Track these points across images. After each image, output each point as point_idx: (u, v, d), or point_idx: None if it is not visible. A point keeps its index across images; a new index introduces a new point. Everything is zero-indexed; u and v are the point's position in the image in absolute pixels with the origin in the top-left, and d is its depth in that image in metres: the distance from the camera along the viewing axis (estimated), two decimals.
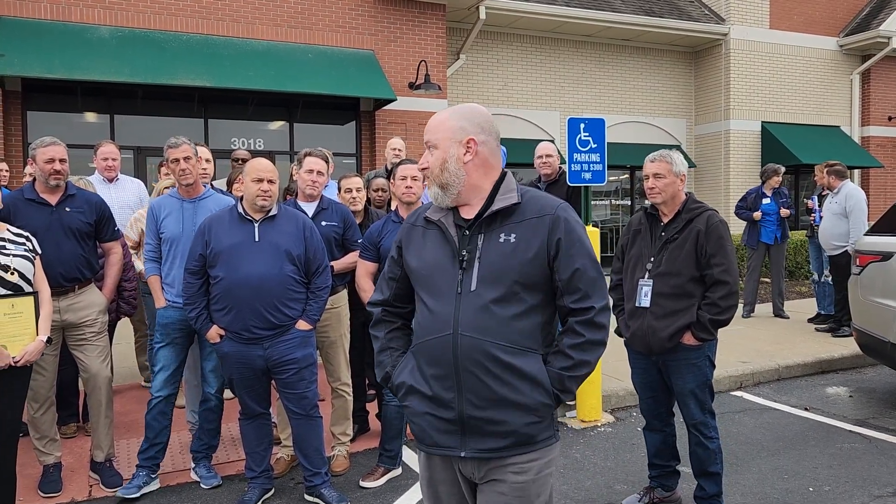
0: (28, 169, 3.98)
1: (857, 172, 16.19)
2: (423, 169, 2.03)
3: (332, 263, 4.23)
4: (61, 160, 3.91)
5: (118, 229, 4.32)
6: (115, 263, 4.29)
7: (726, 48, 14.88)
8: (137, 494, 3.89)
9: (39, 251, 3.60)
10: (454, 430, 1.96)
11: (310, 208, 4.26)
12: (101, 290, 4.23)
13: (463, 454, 1.96)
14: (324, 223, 4.24)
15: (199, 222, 3.95)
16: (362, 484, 4.11)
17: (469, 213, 2.01)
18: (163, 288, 4.07)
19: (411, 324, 2.18)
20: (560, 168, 5.76)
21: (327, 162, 4.34)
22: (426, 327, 1.98)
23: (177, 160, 3.98)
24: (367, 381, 5.02)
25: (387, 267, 2.19)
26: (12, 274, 3.36)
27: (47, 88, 9.82)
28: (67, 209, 3.98)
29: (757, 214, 8.75)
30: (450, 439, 1.98)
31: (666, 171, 3.50)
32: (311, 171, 4.21)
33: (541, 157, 5.57)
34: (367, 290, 4.10)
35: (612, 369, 6.17)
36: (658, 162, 3.53)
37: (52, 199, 3.96)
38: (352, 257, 4.31)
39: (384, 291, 2.20)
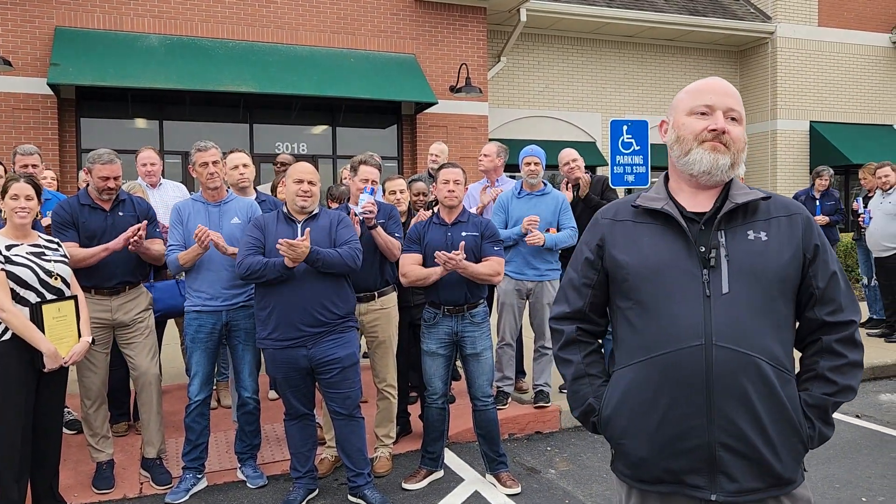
0: (83, 176, 4.10)
1: None
2: (724, 133, 1.69)
3: (372, 232, 4.20)
4: (115, 178, 4.02)
5: (158, 230, 4.37)
6: (157, 244, 4.20)
7: (773, 47, 14.58)
8: (186, 498, 3.98)
9: (77, 250, 3.74)
10: (702, 467, 1.62)
11: (360, 201, 4.32)
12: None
13: (713, 497, 1.62)
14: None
15: (225, 225, 4.04)
16: (405, 486, 4.14)
17: (701, 206, 1.73)
18: (188, 294, 4.07)
19: (600, 344, 1.88)
20: (587, 171, 5.73)
21: (380, 169, 4.41)
22: (653, 337, 1.65)
23: (205, 163, 4.03)
24: (409, 383, 5.05)
25: (577, 273, 1.85)
26: (56, 279, 3.52)
27: (100, 96, 10.13)
28: (121, 213, 4.10)
29: (821, 219, 8.36)
30: (694, 478, 1.64)
31: None
32: (365, 181, 4.27)
33: (567, 163, 5.53)
34: (411, 269, 4.08)
35: None
36: None
37: (106, 205, 4.08)
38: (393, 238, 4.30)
39: (576, 300, 1.84)
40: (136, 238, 3.86)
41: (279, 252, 3.49)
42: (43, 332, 3.42)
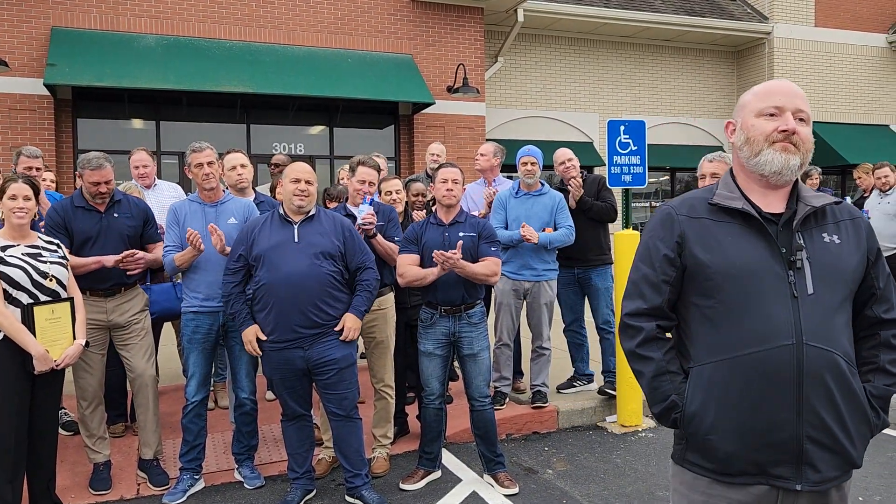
0: (79, 181, 4.09)
1: None
2: (794, 133, 1.75)
3: (372, 241, 4.24)
4: (106, 182, 3.99)
5: (158, 232, 4.38)
6: (157, 250, 4.24)
7: (769, 47, 14.59)
8: (184, 499, 3.97)
9: (69, 259, 3.72)
10: (790, 458, 1.70)
11: (359, 212, 4.32)
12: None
13: (799, 487, 1.71)
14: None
15: (222, 226, 4.03)
16: (402, 486, 4.13)
17: (773, 206, 1.80)
18: (185, 295, 4.09)
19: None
20: (582, 170, 5.72)
21: (379, 171, 4.39)
22: (742, 336, 1.71)
23: (200, 164, 4.02)
24: (406, 384, 5.05)
25: (654, 269, 1.83)
26: (51, 280, 3.50)
27: (96, 96, 10.10)
28: (116, 215, 4.09)
29: None
30: (779, 469, 1.71)
31: (724, 172, 3.47)
32: (362, 182, 4.27)
33: (563, 162, 5.53)
34: (408, 269, 4.06)
35: None
36: (716, 162, 3.50)
37: (101, 206, 4.07)
38: (391, 243, 4.33)
39: (654, 297, 1.83)
40: (129, 261, 3.91)
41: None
42: (34, 333, 3.40)
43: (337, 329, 3.70)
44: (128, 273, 4.03)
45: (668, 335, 1.87)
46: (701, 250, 1.76)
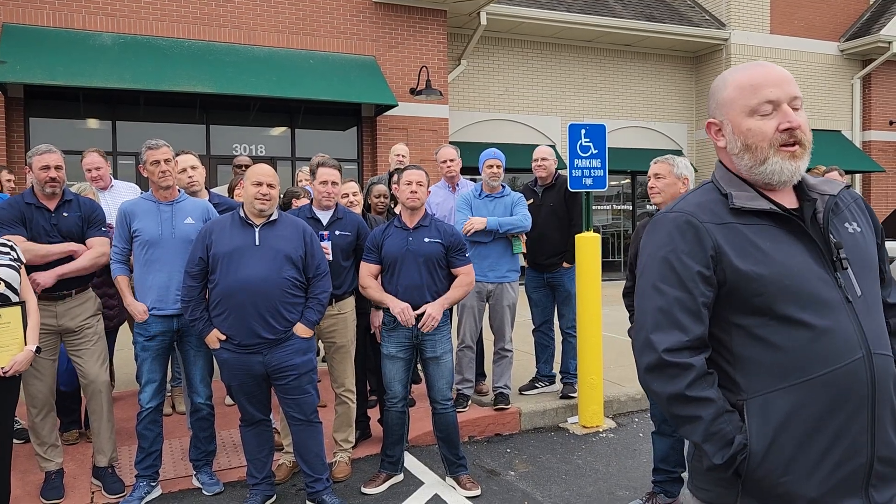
0: (29, 177, 3.98)
1: (857, 177, 16.18)
2: (798, 128, 1.51)
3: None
4: (56, 167, 3.88)
5: (105, 230, 4.23)
6: (93, 250, 4.05)
7: (727, 53, 14.90)
8: None
9: (24, 260, 3.58)
10: (858, 485, 1.46)
11: (325, 216, 4.27)
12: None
13: None
14: (337, 232, 4.26)
15: (179, 225, 3.95)
16: (364, 490, 4.10)
17: (785, 202, 1.55)
18: (138, 298, 3.97)
19: None
20: (556, 172, 5.75)
21: (340, 170, 4.32)
22: (809, 356, 1.44)
23: (157, 162, 3.91)
24: (368, 387, 5.01)
25: (689, 292, 1.51)
26: None
27: (50, 95, 9.85)
28: (66, 214, 3.98)
29: None
30: (851, 500, 1.46)
31: (666, 172, 3.58)
32: (325, 183, 4.21)
33: (536, 160, 5.56)
34: (370, 286, 4.10)
35: (615, 375, 6.16)
36: (660, 163, 3.63)
37: (51, 205, 3.96)
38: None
39: (695, 325, 1.51)
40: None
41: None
42: None
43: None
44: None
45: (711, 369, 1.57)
46: (742, 261, 1.47)
